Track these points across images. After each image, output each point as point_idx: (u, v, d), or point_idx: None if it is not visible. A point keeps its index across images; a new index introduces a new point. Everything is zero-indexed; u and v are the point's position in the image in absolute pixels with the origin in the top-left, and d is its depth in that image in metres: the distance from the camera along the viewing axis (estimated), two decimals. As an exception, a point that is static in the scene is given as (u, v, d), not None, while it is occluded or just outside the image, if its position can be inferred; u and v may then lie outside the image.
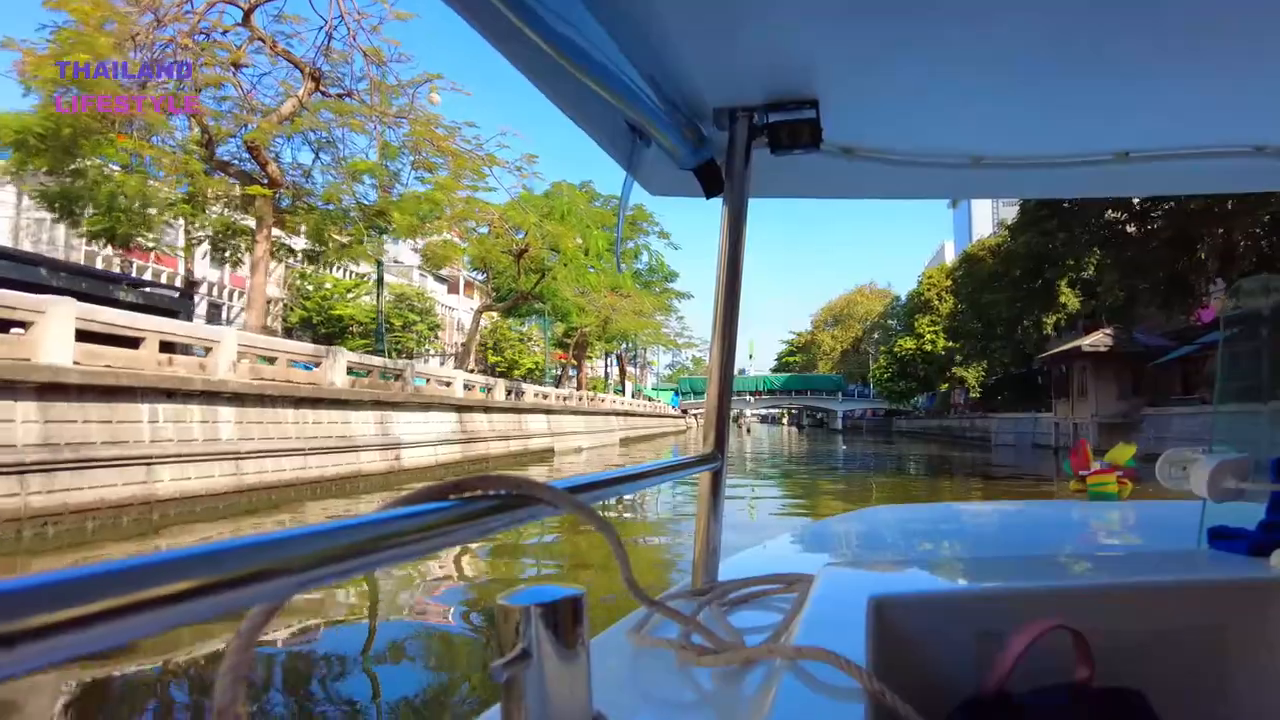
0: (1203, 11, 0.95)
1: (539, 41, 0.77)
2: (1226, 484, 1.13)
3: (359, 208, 18.46)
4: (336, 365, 15.42)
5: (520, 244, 25.45)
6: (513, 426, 22.95)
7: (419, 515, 0.43)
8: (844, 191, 1.69)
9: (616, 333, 38.48)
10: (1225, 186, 1.80)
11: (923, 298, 50.88)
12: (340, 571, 0.36)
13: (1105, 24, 0.99)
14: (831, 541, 1.93)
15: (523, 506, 0.51)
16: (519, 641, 0.47)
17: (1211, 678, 0.87)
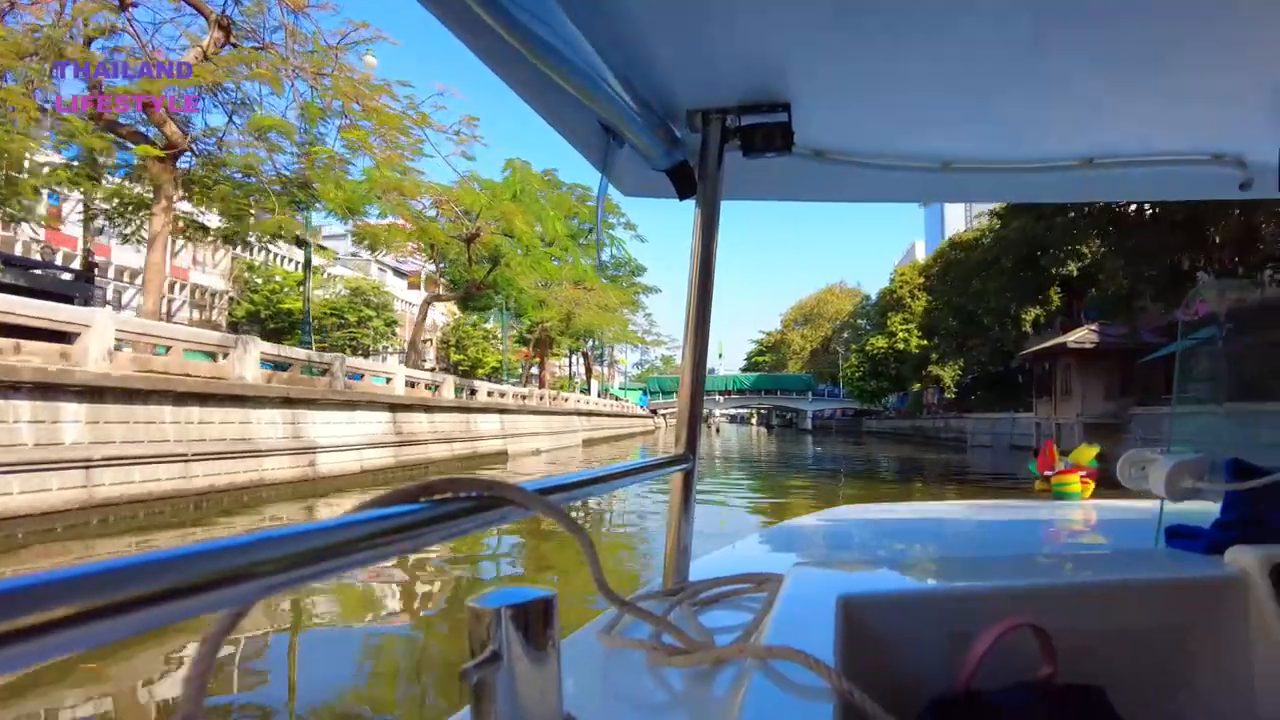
0: (1163, 26, 0.99)
1: (510, 39, 0.77)
2: (1183, 484, 1.15)
3: (280, 179, 16.26)
4: (247, 357, 13.27)
5: (471, 228, 23.33)
6: (460, 428, 20.84)
7: (389, 518, 0.43)
8: (816, 194, 1.71)
9: (581, 328, 36.46)
10: (1185, 193, 1.78)
11: (895, 295, 49.82)
12: (309, 575, 0.36)
13: (1071, 35, 1.02)
14: (802, 541, 1.94)
15: (494, 508, 0.51)
16: (489, 643, 0.47)
17: (1168, 673, 0.89)
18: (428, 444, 18.44)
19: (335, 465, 14.31)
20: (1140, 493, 1.25)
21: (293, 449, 13.12)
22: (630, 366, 77.03)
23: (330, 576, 0.39)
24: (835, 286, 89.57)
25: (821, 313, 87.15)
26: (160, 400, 10.48)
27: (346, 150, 16.10)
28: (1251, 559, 0.91)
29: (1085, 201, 14.75)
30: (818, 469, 22.67)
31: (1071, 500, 4.09)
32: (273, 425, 12.80)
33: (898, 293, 49.52)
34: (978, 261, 31.79)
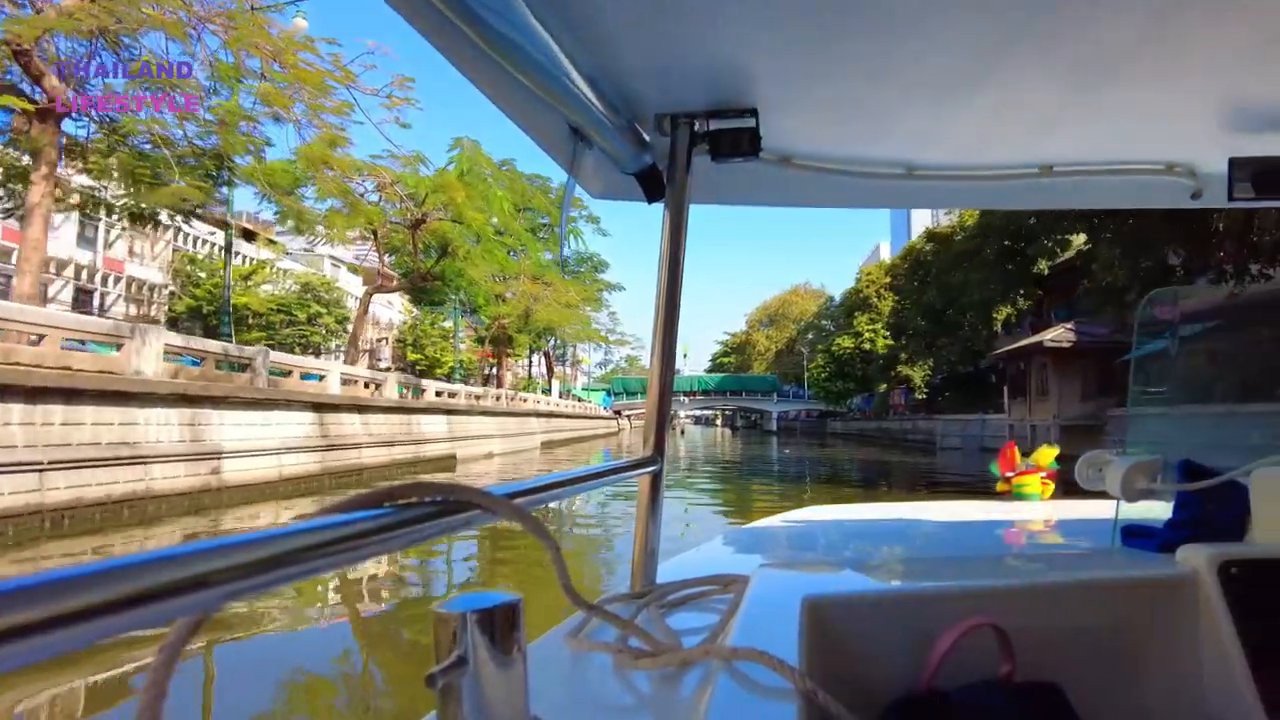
0: (1118, 39, 1.02)
1: (477, 40, 0.77)
2: (1138, 484, 1.17)
3: (192, 150, 14.31)
4: (146, 349, 11.38)
5: (416, 213, 21.49)
6: (401, 430, 19.00)
7: (350, 523, 0.43)
8: (783, 199, 1.73)
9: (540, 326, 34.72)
10: (1140, 202, 1.83)
11: (861, 295, 49.12)
12: (269, 582, 0.36)
13: (1031, 47, 1.05)
14: (768, 542, 1.94)
15: (459, 513, 0.51)
16: (455, 648, 0.47)
17: (1122, 669, 0.91)
18: (361, 448, 16.60)
19: (246, 472, 12.45)
20: (1098, 493, 1.28)
21: (190, 454, 11.25)
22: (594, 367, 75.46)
23: (290, 583, 0.38)
24: (800, 287, 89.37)
25: (786, 313, 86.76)
26: (8, 397, 8.59)
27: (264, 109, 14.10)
28: (1201, 558, 0.92)
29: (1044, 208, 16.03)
30: (781, 473, 21.69)
31: (1032, 501, 4.18)
32: (165, 427, 10.92)
33: (864, 292, 48.84)
34: (958, 253, 30.84)
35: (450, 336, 53.13)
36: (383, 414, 18.22)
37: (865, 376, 49.63)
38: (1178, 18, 0.97)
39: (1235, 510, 1.04)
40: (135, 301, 40.35)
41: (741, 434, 73.20)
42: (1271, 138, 1.37)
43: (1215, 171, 1.48)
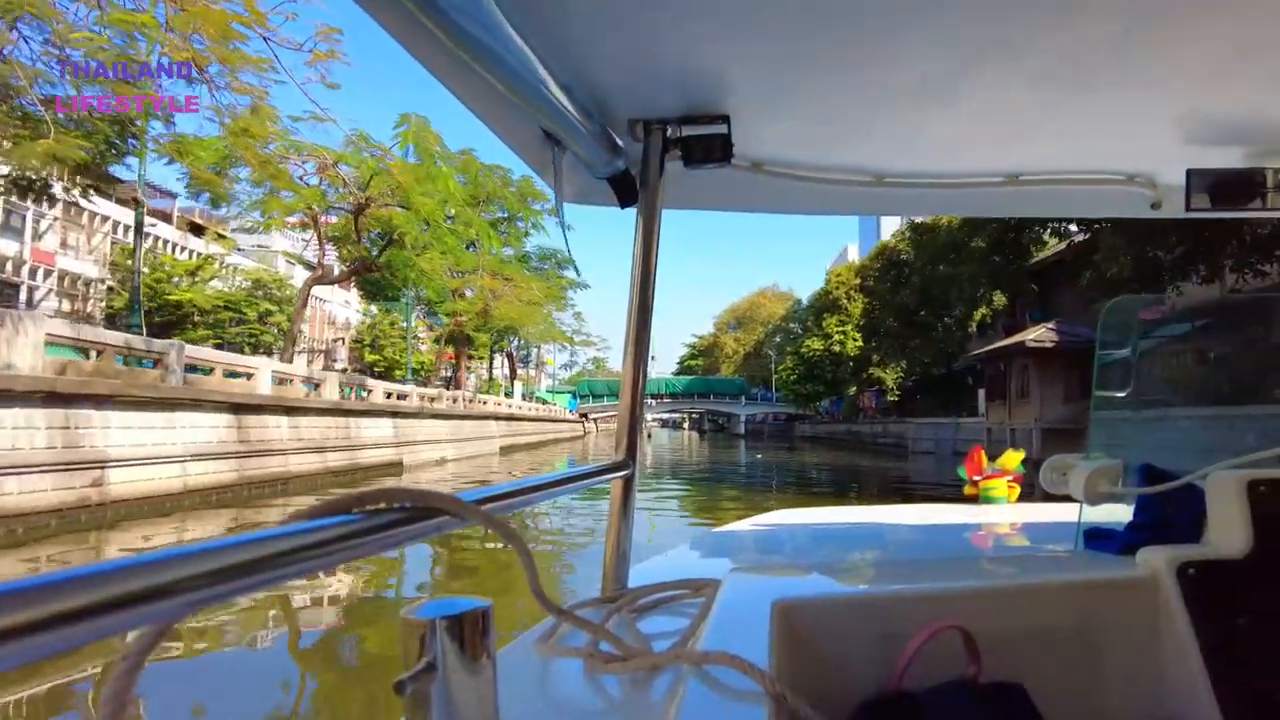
0: (1082, 52, 1.05)
1: (448, 41, 0.77)
2: (1100, 488, 1.18)
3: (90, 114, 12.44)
4: (20, 339, 9.58)
5: (358, 197, 19.71)
6: (336, 434, 17.21)
7: (318, 529, 0.42)
8: (754, 205, 1.73)
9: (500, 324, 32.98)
10: (1102, 211, 1.84)
11: (831, 296, 48.35)
12: (235, 589, 0.36)
13: (998, 58, 1.06)
14: (739, 545, 1.95)
15: (428, 519, 0.51)
16: (424, 655, 0.47)
17: (1083, 669, 0.92)
18: (288, 454, 14.81)
19: (139, 484, 10.66)
20: (1062, 497, 1.29)
21: (62, 463, 9.45)
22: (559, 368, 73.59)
23: (256, 590, 0.38)
24: (768, 290, 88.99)
25: (754, 316, 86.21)
26: None
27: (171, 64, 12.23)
28: (1160, 560, 0.94)
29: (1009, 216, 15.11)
30: (748, 480, 20.63)
31: (999, 504, 3.78)
32: (27, 431, 9.11)
33: (834, 294, 48.06)
34: (945, 244, 29.85)
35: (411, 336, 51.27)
36: (317, 416, 16.43)
37: (834, 379, 48.84)
38: (1140, 33, 1.00)
39: (1193, 512, 1.05)
40: (69, 296, 37.83)
41: (709, 437, 72.23)
42: (1227, 150, 1.42)
43: (1174, 183, 1.53)
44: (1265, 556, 0.91)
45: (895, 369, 34.82)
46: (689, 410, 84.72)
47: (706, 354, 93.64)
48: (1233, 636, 0.88)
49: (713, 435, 78.56)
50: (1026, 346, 21.84)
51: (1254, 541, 0.92)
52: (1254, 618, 0.89)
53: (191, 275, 40.09)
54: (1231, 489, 0.95)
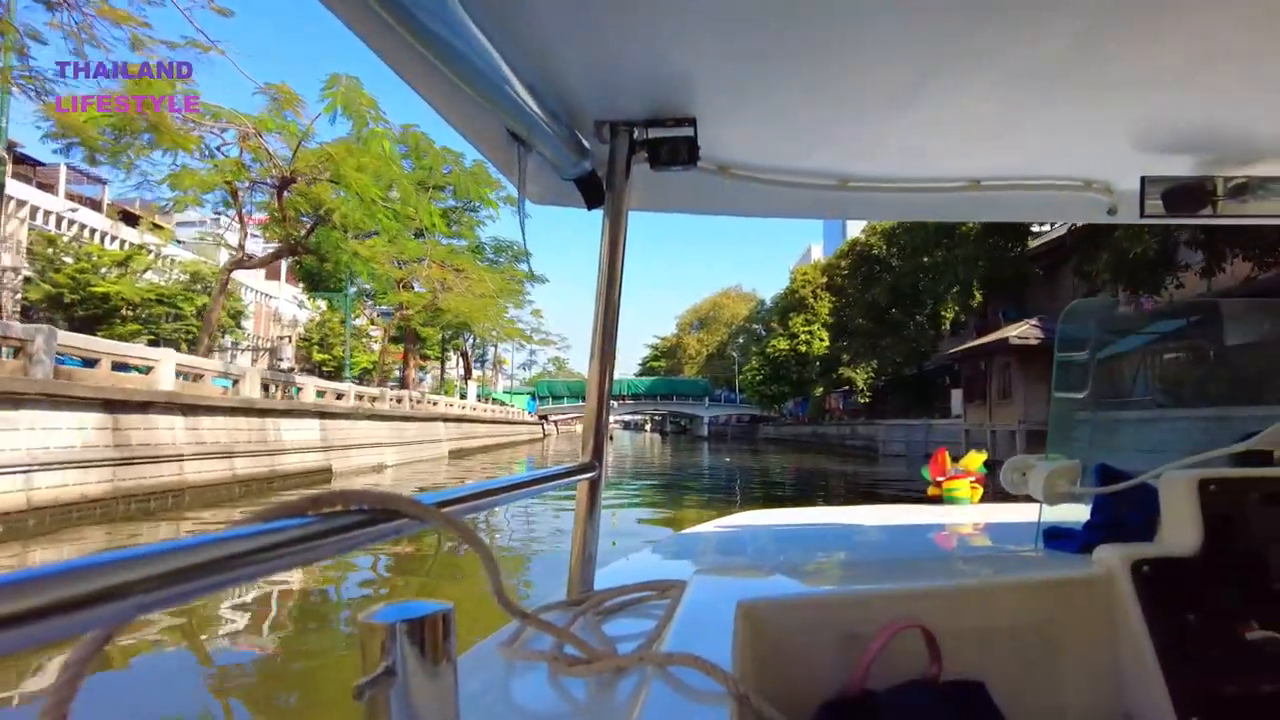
0: (1041, 60, 1.06)
1: (413, 41, 0.77)
2: (1059, 488, 1.20)
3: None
4: None
5: (282, 170, 17.47)
6: (250, 437, 14.98)
7: (272, 532, 0.41)
8: (720, 208, 1.74)
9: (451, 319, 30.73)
10: (1061, 216, 1.90)
11: (797, 295, 47.19)
12: (186, 592, 0.35)
13: (961, 63, 1.07)
14: (705, 547, 1.94)
15: (387, 521, 0.50)
16: (383, 659, 0.46)
17: (1042, 665, 0.94)
18: (184, 460, 12.59)
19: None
20: (1023, 497, 1.30)
21: None
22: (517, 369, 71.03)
23: (208, 594, 0.37)
24: (731, 290, 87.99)
25: (717, 316, 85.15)
26: None
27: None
28: (1115, 558, 0.96)
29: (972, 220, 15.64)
30: (711, 487, 19.28)
31: (961, 504, 3.80)
32: None
33: (800, 292, 46.92)
34: (935, 228, 28.31)
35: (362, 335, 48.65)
36: (225, 417, 14.21)
37: (800, 379, 47.67)
38: (1097, 41, 1.02)
39: (1147, 511, 1.06)
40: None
41: (671, 440, 70.94)
42: (1180, 158, 1.45)
43: (1130, 189, 1.54)
44: (1214, 553, 0.94)
45: (866, 369, 33.52)
46: (651, 412, 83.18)
47: (669, 355, 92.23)
48: (1184, 632, 0.90)
49: (675, 437, 77.33)
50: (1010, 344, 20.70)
51: (1204, 539, 0.95)
52: (1204, 613, 0.92)
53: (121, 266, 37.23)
54: (1183, 488, 0.98)
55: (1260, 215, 1.50)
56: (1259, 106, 1.24)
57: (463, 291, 29.45)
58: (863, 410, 38.34)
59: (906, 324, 30.79)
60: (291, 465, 16.13)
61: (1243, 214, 1.49)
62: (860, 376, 33.43)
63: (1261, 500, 0.96)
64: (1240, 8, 0.95)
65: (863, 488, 18.13)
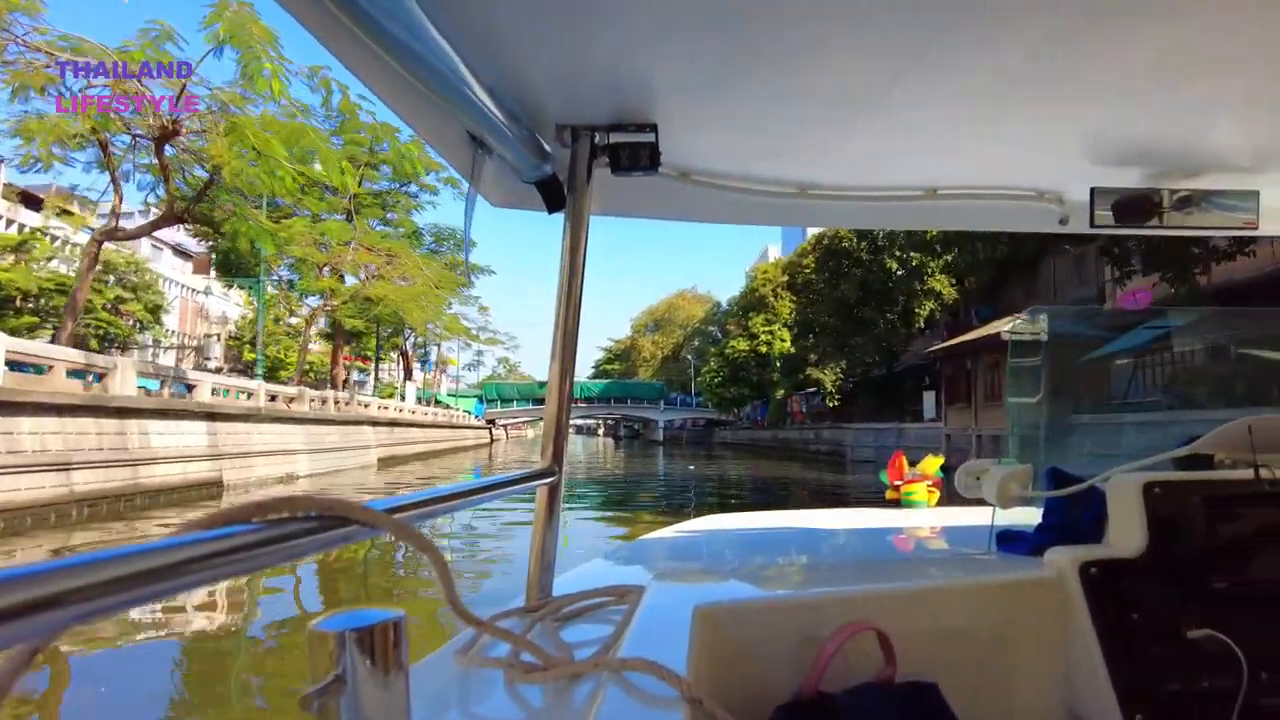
0: (995, 72, 1.09)
1: (370, 42, 0.76)
2: (1011, 492, 1.23)
3: None
4: None
5: (161, 119, 14.38)
6: (100, 443, 11.90)
7: (214, 540, 0.40)
8: (682, 214, 1.74)
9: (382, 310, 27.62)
10: (1015, 225, 1.89)
11: (757, 294, 45.33)
12: (124, 602, 0.34)
13: (918, 76, 1.09)
14: (664, 552, 1.94)
15: (336, 528, 0.49)
16: (333, 668, 0.45)
17: (995, 666, 0.95)
18: (-9, 475, 9.54)
19: None
20: (978, 500, 1.32)
21: None
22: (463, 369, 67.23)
23: (148, 603, 0.36)
24: (687, 292, 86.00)
25: (673, 318, 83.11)
26: None
27: None
28: (1065, 560, 0.98)
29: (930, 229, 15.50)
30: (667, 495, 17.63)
31: (918, 508, 3.89)
32: None
33: (760, 291, 45.08)
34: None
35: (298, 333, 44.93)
36: (61, 418, 11.12)
37: (761, 381, 45.77)
38: (1048, 55, 1.04)
39: (1095, 514, 1.08)
40: None
41: (625, 444, 68.82)
42: (1128, 171, 1.50)
43: (1080, 200, 1.57)
44: (1157, 554, 0.97)
45: (834, 369, 31.62)
46: (605, 416, 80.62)
47: (623, 358, 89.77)
48: (1129, 631, 0.93)
49: (628, 442, 75.38)
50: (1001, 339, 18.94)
51: (1149, 540, 0.97)
52: (1148, 612, 0.94)
53: (15, 251, 33.07)
54: (1129, 491, 1.00)
55: (1203, 227, 1.56)
56: (1201, 122, 1.30)
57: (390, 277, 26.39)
58: (827, 413, 36.43)
59: (876, 321, 29.02)
60: (162, 478, 13.03)
61: (1187, 225, 1.54)
62: (828, 377, 31.47)
63: (1203, 503, 0.98)
64: (1183, 27, 0.98)
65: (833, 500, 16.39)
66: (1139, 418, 2.09)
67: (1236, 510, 0.98)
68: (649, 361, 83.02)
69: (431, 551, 0.57)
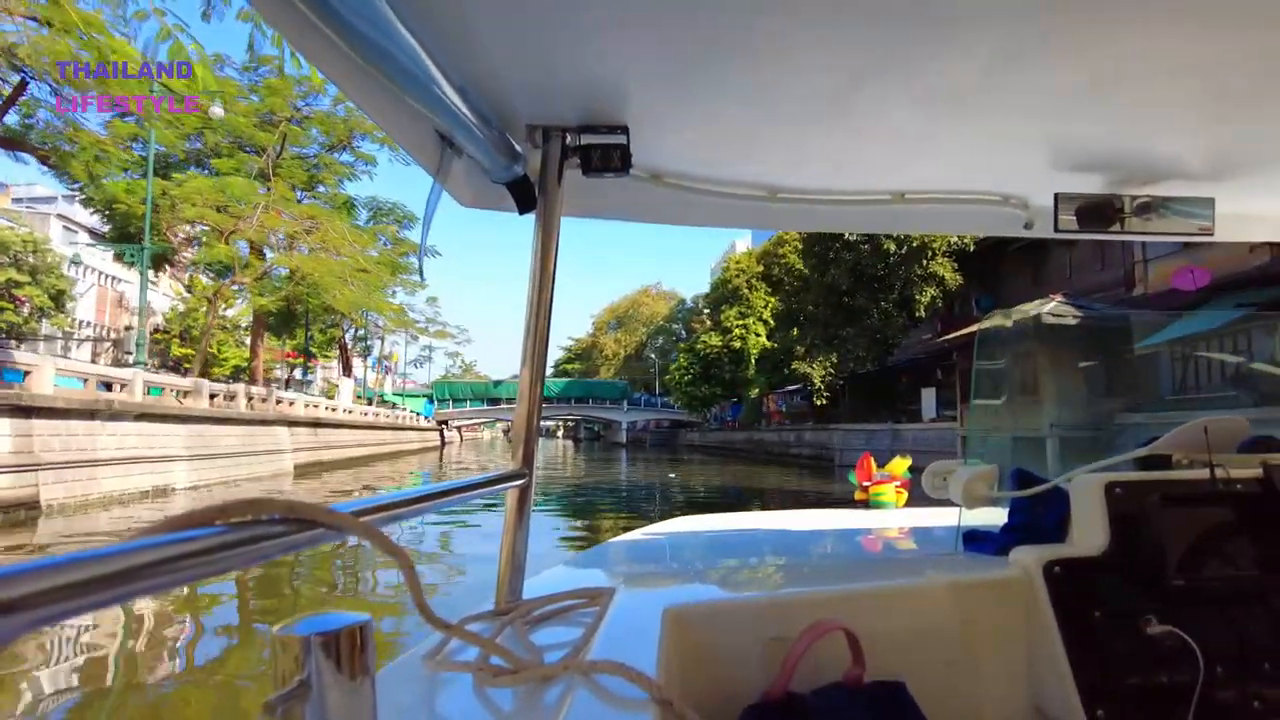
0: (962, 78, 1.10)
1: (339, 41, 0.76)
2: (977, 492, 1.26)
3: None
4: None
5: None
6: None
7: (174, 543, 0.39)
8: (653, 216, 1.74)
9: (301, 289, 23.49)
10: (981, 229, 1.91)
11: (730, 285, 42.20)
12: (81, 607, 0.33)
13: (886, 79, 1.10)
14: (635, 554, 1.93)
15: (301, 531, 0.48)
16: (297, 673, 0.45)
17: (961, 664, 0.97)
18: None
19: None
20: (944, 501, 1.33)
21: None
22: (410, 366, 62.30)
23: (104, 609, 0.36)
24: (650, 288, 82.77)
25: (636, 315, 79.74)
26: None
27: None
28: (1030, 559, 1.00)
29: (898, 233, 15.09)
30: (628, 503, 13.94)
31: (886, 509, 3.73)
32: None
33: (733, 282, 41.97)
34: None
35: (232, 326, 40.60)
36: None
37: (734, 380, 42.61)
38: (1010, 63, 1.05)
39: (1059, 513, 1.10)
40: None
41: (585, 447, 65.32)
42: (1090, 176, 1.53)
43: (1045, 204, 1.60)
44: (1119, 552, 0.99)
45: (824, 363, 28.45)
46: (564, 417, 76.67)
47: (584, 357, 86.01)
48: (1091, 628, 0.95)
49: (589, 445, 72.04)
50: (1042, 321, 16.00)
51: (1110, 539, 1.00)
52: (1109, 610, 0.96)
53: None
54: (1091, 491, 1.03)
55: (1162, 232, 1.58)
56: (1158, 130, 1.32)
57: (313, 247, 22.29)
58: (809, 413, 33.33)
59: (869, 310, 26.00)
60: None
61: (1147, 230, 1.57)
62: (817, 372, 28.21)
63: (1161, 502, 1.00)
64: (1139, 38, 0.99)
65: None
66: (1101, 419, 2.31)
67: (1193, 509, 1.01)
68: (611, 360, 79.44)
69: (399, 555, 0.56)
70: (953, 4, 0.92)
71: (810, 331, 28.90)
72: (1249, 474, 1.03)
